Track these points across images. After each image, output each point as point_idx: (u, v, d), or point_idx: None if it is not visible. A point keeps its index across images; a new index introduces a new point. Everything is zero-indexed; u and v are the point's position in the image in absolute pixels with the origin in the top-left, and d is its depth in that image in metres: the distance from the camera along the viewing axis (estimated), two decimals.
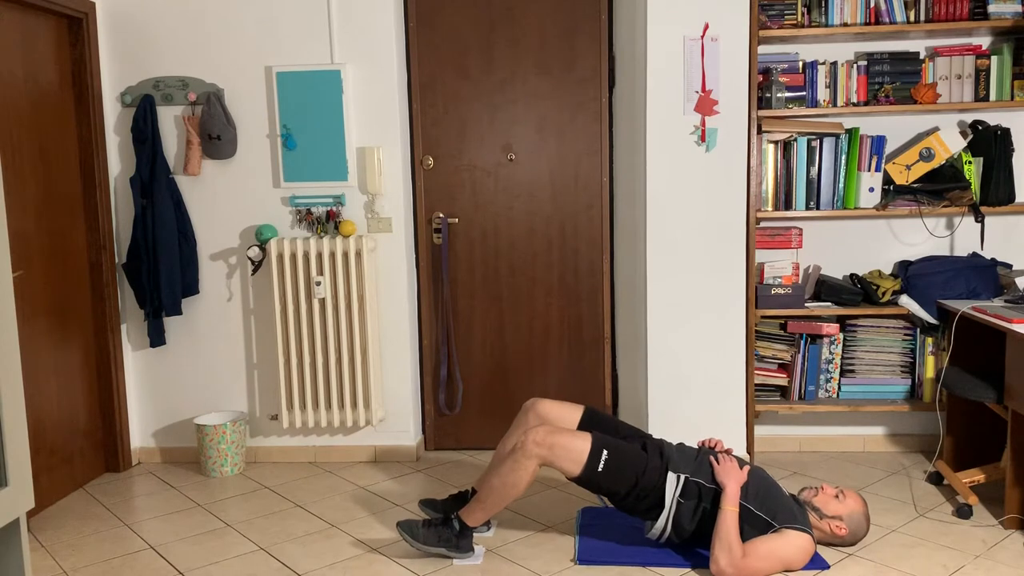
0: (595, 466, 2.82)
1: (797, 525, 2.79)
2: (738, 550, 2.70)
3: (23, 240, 3.45)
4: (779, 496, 2.87)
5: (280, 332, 3.87)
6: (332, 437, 4.07)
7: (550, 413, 3.13)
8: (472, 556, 2.97)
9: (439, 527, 2.95)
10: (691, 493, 2.86)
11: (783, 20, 3.64)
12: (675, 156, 3.64)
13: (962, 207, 3.68)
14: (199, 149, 3.90)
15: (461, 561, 2.95)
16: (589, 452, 2.83)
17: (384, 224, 3.92)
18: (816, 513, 2.93)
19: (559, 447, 2.83)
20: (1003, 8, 3.54)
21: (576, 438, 2.87)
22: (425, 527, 2.95)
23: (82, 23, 3.78)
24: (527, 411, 3.17)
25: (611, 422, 3.16)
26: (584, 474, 2.84)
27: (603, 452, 2.84)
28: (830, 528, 2.92)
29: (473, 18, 3.94)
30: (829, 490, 2.98)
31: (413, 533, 2.94)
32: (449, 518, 2.97)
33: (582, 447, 2.84)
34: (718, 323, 3.70)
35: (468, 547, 2.96)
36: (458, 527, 2.94)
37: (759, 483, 2.89)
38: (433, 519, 2.99)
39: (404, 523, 2.97)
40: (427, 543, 2.93)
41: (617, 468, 2.84)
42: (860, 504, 2.98)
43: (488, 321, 4.10)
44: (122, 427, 4.02)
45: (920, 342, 3.76)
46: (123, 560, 3.08)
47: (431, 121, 4.02)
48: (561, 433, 2.87)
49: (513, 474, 2.86)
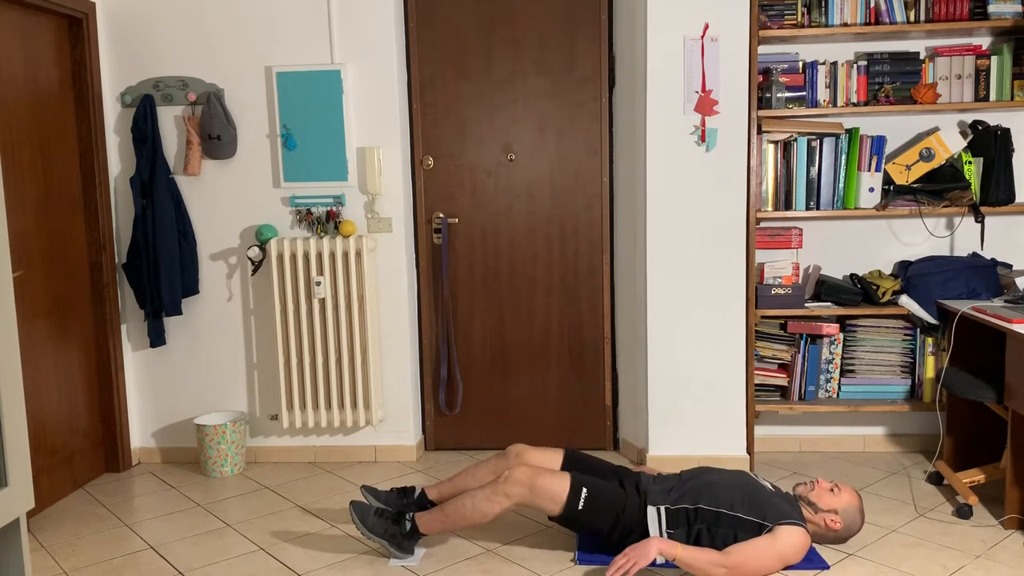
0: (575, 504, 2.84)
1: (789, 520, 2.77)
2: (722, 570, 2.65)
3: (23, 240, 3.45)
4: (765, 496, 2.86)
5: (280, 332, 3.88)
6: (332, 437, 4.07)
7: (532, 459, 3.12)
8: (410, 559, 2.98)
9: (389, 521, 2.95)
10: (679, 521, 2.84)
11: (783, 20, 3.64)
12: (675, 156, 3.64)
13: (962, 207, 3.68)
14: (199, 149, 3.90)
15: (397, 561, 2.96)
16: (568, 491, 2.85)
17: (384, 224, 3.92)
18: (811, 508, 2.92)
19: (539, 487, 2.85)
20: (1003, 8, 3.54)
21: (556, 478, 2.88)
22: (376, 515, 2.95)
23: (82, 23, 3.78)
24: (507, 454, 3.16)
25: (590, 462, 3.15)
26: (565, 512, 2.86)
27: (582, 490, 2.86)
28: (825, 522, 2.91)
29: (473, 18, 3.94)
30: (824, 484, 2.97)
31: (363, 517, 2.94)
32: (403, 516, 2.97)
33: (561, 487, 2.85)
34: (718, 323, 3.70)
35: (410, 549, 2.98)
36: (409, 528, 2.95)
37: (743, 488, 2.87)
38: (386, 511, 2.99)
39: (357, 504, 2.96)
40: (373, 531, 2.93)
41: (597, 506, 2.85)
42: (855, 498, 2.97)
43: (488, 321, 4.10)
44: (122, 427, 4.02)
45: (920, 342, 3.76)
46: (123, 560, 3.08)
47: (431, 121, 4.02)
48: (542, 474, 2.89)
49: (487, 503, 2.88)
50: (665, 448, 3.79)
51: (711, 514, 2.81)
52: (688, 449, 3.77)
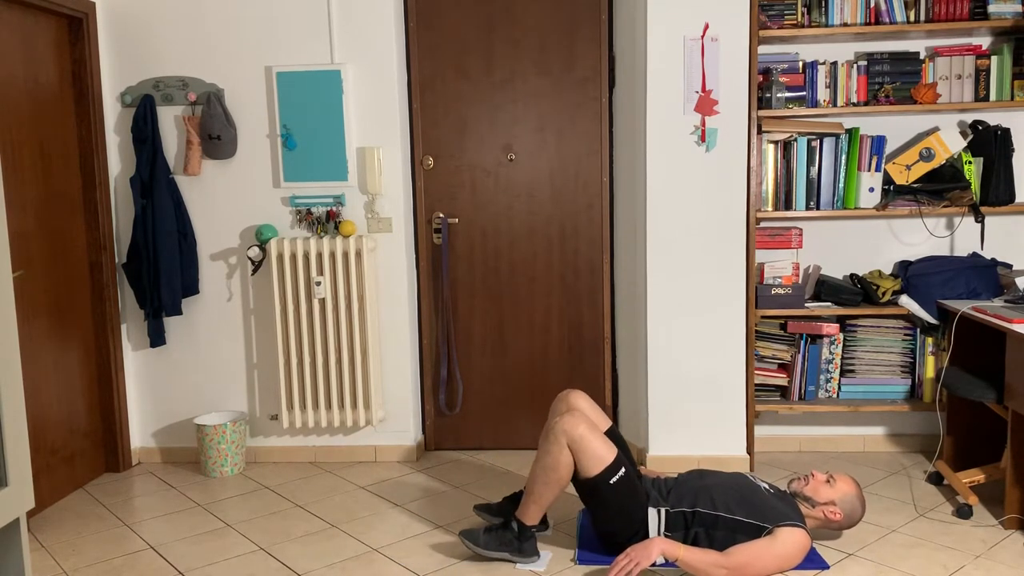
0: (609, 477, 2.80)
1: (788, 522, 2.76)
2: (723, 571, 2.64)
3: (23, 240, 3.45)
4: (763, 498, 2.85)
5: (280, 332, 3.88)
6: (332, 437, 4.07)
7: (585, 408, 3.08)
8: (536, 561, 2.92)
9: (499, 531, 2.91)
10: (677, 525, 2.84)
11: (783, 20, 3.64)
12: (675, 156, 3.64)
13: (962, 207, 3.68)
14: (199, 149, 3.90)
15: (524, 565, 2.90)
16: (611, 462, 2.81)
17: (384, 224, 3.92)
18: (808, 503, 2.91)
19: (586, 440, 2.80)
20: (1003, 8, 3.54)
21: (604, 443, 2.84)
22: (486, 533, 2.92)
23: (82, 23, 3.78)
24: (562, 399, 3.13)
25: (625, 447, 3.12)
26: (596, 479, 2.81)
27: (621, 468, 2.82)
28: (824, 515, 2.90)
29: (473, 18, 3.94)
30: (819, 476, 2.95)
31: (475, 540, 2.91)
32: (508, 521, 2.93)
33: (606, 454, 2.81)
34: (718, 323, 3.70)
35: (532, 550, 2.91)
36: (517, 529, 2.90)
37: (741, 491, 2.87)
38: (493, 524, 2.96)
39: (466, 531, 2.94)
40: (488, 548, 2.89)
41: (623, 490, 2.82)
42: (852, 486, 2.95)
43: (488, 321, 4.10)
44: (122, 427, 4.02)
45: (920, 342, 3.76)
46: (123, 560, 3.08)
47: (431, 121, 4.02)
48: (593, 429, 2.84)
49: (548, 457, 2.82)
50: (665, 448, 3.79)
51: (709, 517, 2.81)
52: (688, 449, 3.77)
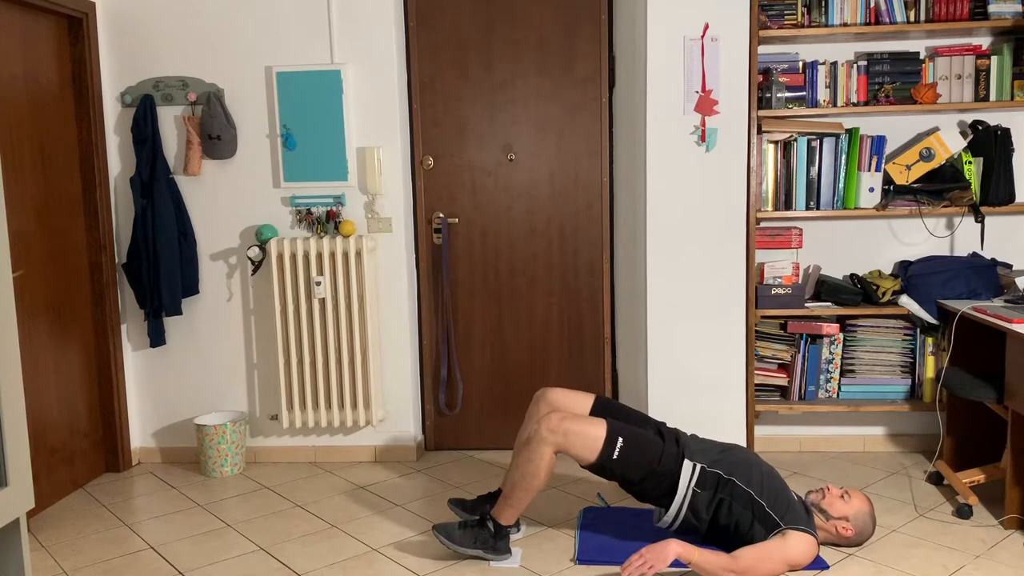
0: (610, 453, 2.81)
1: (800, 526, 2.79)
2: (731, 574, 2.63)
3: (23, 240, 3.45)
4: (788, 496, 2.88)
5: (280, 332, 3.88)
6: (332, 437, 4.07)
7: (561, 401, 3.10)
8: (509, 558, 2.94)
9: (475, 528, 2.92)
10: (708, 483, 2.85)
11: (783, 20, 3.64)
12: (675, 156, 3.64)
13: (962, 207, 3.68)
14: (199, 149, 3.90)
15: (497, 563, 2.93)
16: (604, 439, 2.81)
17: (384, 224, 3.92)
18: (822, 515, 2.94)
19: (573, 433, 2.81)
20: (1003, 8, 3.54)
21: (591, 424, 2.84)
22: (461, 529, 2.93)
23: (82, 23, 3.78)
24: (538, 401, 3.16)
25: (622, 410, 3.13)
26: (599, 461, 2.83)
27: (618, 439, 2.82)
28: (836, 529, 2.93)
29: (473, 18, 3.94)
30: (834, 491, 2.98)
31: (449, 535, 2.91)
32: (484, 519, 2.94)
33: (597, 433, 2.82)
34: (718, 323, 3.70)
35: (505, 548, 2.94)
36: (493, 528, 2.92)
37: (775, 481, 2.89)
38: (468, 521, 2.96)
39: (440, 526, 2.95)
40: (463, 545, 2.90)
41: (632, 455, 2.82)
42: (866, 504, 2.98)
43: (488, 321, 4.10)
44: (122, 427, 4.02)
45: (920, 342, 3.76)
46: (123, 560, 3.08)
47: (431, 121, 4.02)
48: (575, 419, 2.84)
49: (531, 464, 2.84)
50: None
51: (739, 490, 2.82)
52: None
